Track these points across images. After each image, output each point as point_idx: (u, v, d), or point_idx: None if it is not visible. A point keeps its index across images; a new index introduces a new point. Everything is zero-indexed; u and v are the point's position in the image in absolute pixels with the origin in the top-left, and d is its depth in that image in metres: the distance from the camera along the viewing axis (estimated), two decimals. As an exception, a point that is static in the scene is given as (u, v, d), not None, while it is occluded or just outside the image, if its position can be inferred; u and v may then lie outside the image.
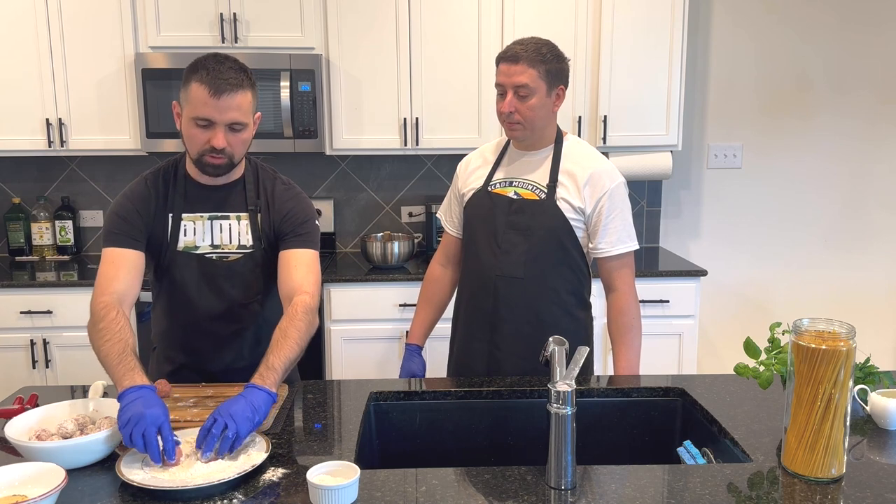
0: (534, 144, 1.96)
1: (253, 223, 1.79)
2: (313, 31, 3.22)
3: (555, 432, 1.28)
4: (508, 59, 1.85)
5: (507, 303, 1.94)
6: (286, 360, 1.55)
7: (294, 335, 1.59)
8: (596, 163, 1.93)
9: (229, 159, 1.68)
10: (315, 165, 3.67)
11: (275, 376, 1.50)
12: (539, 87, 1.85)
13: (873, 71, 3.69)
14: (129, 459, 1.35)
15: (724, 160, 3.75)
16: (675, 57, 3.28)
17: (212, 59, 1.63)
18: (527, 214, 1.91)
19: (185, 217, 1.77)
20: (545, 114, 1.90)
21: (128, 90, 3.22)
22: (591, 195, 1.90)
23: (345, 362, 3.19)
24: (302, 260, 1.76)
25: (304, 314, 1.64)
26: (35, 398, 1.64)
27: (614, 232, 1.91)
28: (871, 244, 3.84)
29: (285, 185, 1.84)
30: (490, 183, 1.99)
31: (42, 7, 3.15)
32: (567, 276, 1.95)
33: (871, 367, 1.63)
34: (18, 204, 3.59)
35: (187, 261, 1.77)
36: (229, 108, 1.61)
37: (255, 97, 1.68)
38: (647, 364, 3.17)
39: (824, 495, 1.26)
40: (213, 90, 1.59)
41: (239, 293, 1.80)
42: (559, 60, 1.88)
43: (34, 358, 3.10)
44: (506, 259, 1.93)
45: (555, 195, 1.90)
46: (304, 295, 1.69)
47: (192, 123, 1.63)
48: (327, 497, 1.20)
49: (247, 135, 1.69)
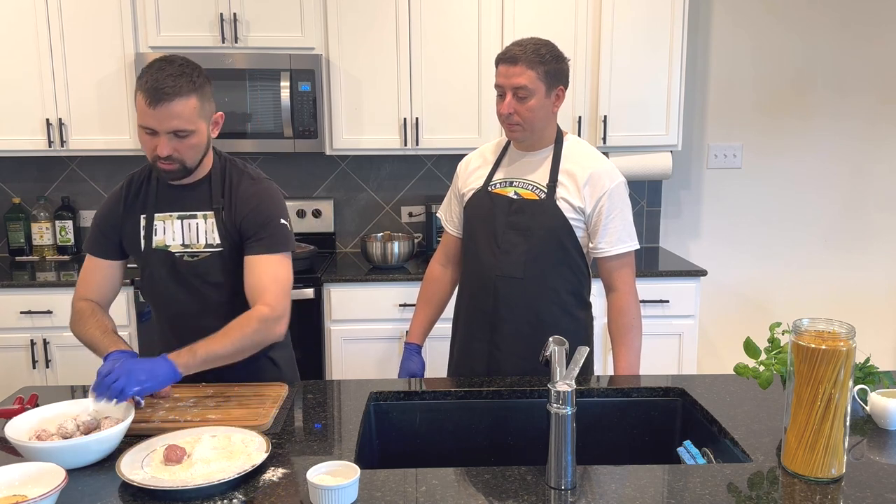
0: (534, 145, 1.96)
1: (219, 222, 1.78)
2: (313, 31, 3.22)
3: (555, 432, 1.28)
4: (507, 61, 1.85)
5: (507, 303, 1.94)
6: (211, 353, 1.60)
7: (235, 335, 1.64)
8: (596, 162, 1.93)
9: (181, 165, 1.69)
10: (315, 165, 3.67)
11: (190, 359, 1.57)
12: (538, 88, 1.85)
13: (873, 71, 3.69)
14: (129, 459, 1.35)
15: (724, 160, 3.75)
16: (675, 57, 3.28)
17: (155, 65, 1.63)
18: (527, 214, 1.91)
19: (157, 217, 1.79)
20: (544, 114, 1.89)
21: (128, 90, 3.22)
22: (591, 195, 1.89)
23: (345, 362, 3.19)
24: (264, 267, 1.73)
25: (257, 321, 1.67)
26: (35, 398, 1.64)
27: (614, 232, 1.90)
28: (871, 244, 3.84)
29: (252, 180, 1.80)
30: (490, 183, 1.99)
31: (42, 7, 3.15)
32: (567, 276, 1.95)
33: (871, 367, 1.63)
34: (18, 204, 3.59)
35: (161, 259, 1.79)
36: (168, 117, 1.60)
37: (204, 100, 1.66)
38: (647, 364, 3.17)
39: (824, 495, 1.26)
40: (150, 99, 1.59)
41: (212, 291, 1.80)
42: (558, 61, 1.88)
43: (34, 358, 3.10)
44: (506, 259, 1.92)
45: (555, 195, 1.90)
46: (263, 306, 1.69)
47: (141, 131, 1.66)
48: (327, 497, 1.20)
49: (195, 140, 1.67)
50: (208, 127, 1.71)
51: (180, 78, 1.61)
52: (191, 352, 1.58)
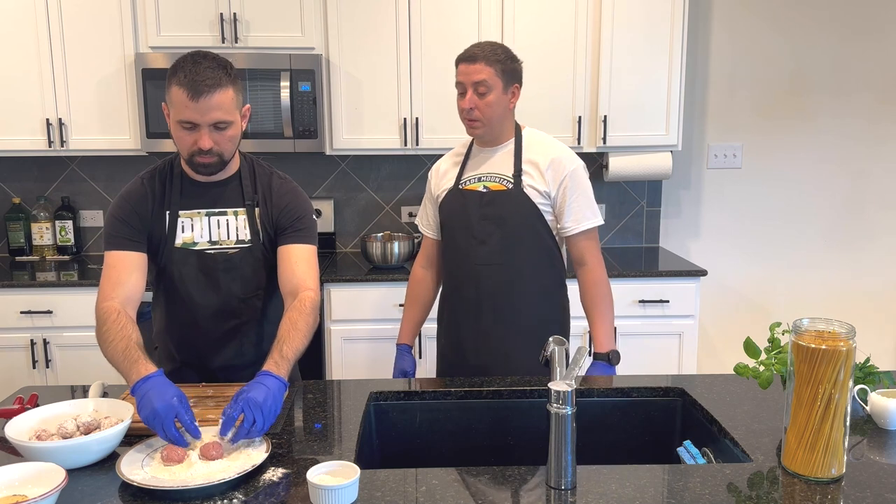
0: (494, 140, 2.08)
1: (251, 218, 1.80)
2: (313, 31, 3.22)
3: (555, 432, 1.28)
4: (467, 60, 2.01)
5: (488, 289, 2.05)
6: (297, 351, 1.59)
7: (303, 327, 1.64)
8: (555, 149, 2.07)
9: (219, 157, 1.69)
10: (315, 165, 3.67)
11: (287, 366, 1.54)
12: (496, 83, 1.99)
13: (873, 71, 3.69)
14: (129, 459, 1.35)
15: (724, 160, 3.75)
16: (675, 57, 3.28)
17: (189, 59, 1.63)
18: (498, 205, 2.04)
19: (183, 214, 1.78)
20: (502, 110, 2.03)
21: (128, 90, 3.22)
22: (554, 178, 2.02)
23: (345, 362, 3.19)
24: (302, 256, 1.78)
25: (313, 309, 1.69)
26: (35, 398, 1.64)
27: (578, 209, 2.04)
28: (871, 244, 3.84)
29: (282, 179, 1.85)
30: (460, 181, 2.11)
31: (42, 7, 3.15)
32: (542, 259, 2.07)
33: (871, 367, 1.63)
34: (18, 204, 3.59)
35: (186, 257, 1.78)
36: (210, 109, 1.61)
37: (238, 91, 1.67)
38: (647, 364, 3.19)
39: (824, 495, 1.26)
40: (192, 93, 1.59)
41: (238, 288, 1.81)
42: (513, 61, 2.03)
43: (34, 358, 3.10)
44: (483, 248, 2.05)
45: (521, 183, 2.02)
46: (310, 291, 1.72)
47: (178, 126, 1.64)
48: (327, 497, 1.20)
49: (233, 131, 1.68)
50: (241, 119, 1.72)
51: (218, 70, 1.62)
52: (283, 358, 1.54)
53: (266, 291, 1.85)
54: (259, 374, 1.49)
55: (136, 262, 1.72)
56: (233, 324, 1.83)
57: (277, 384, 1.48)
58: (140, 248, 1.74)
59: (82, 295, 3.06)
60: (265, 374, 1.49)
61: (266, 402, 1.41)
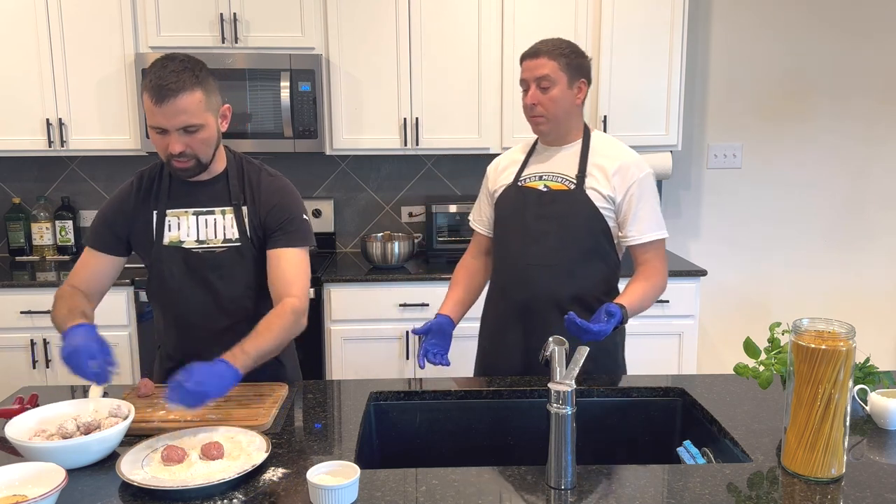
0: (560, 139, 1.99)
1: (238, 217, 1.79)
2: (313, 31, 3.22)
3: (555, 432, 1.28)
4: (530, 55, 1.92)
5: (537, 291, 1.96)
6: (261, 350, 1.59)
7: (276, 330, 1.64)
8: (625, 153, 1.97)
9: (195, 160, 1.69)
10: (315, 165, 3.67)
11: (245, 360, 1.54)
12: (559, 78, 1.90)
13: (872, 71, 3.69)
14: (129, 459, 1.35)
15: (724, 160, 3.75)
16: (675, 57, 3.28)
17: (158, 63, 1.63)
18: (557, 204, 1.95)
19: (170, 213, 1.79)
20: (567, 106, 1.93)
21: (128, 90, 3.22)
22: (621, 184, 1.92)
23: (345, 362, 3.19)
24: (291, 260, 1.76)
25: (293, 314, 1.68)
26: (35, 398, 1.64)
27: (645, 219, 1.93)
28: (871, 244, 3.84)
29: (272, 177, 1.83)
30: (520, 178, 2.02)
31: (42, 7, 3.15)
32: (597, 264, 1.97)
33: (871, 367, 1.63)
34: (18, 204, 3.59)
35: (173, 255, 1.79)
36: (176, 113, 1.60)
37: (208, 92, 1.66)
38: (647, 364, 3.19)
39: (824, 495, 1.26)
40: (156, 97, 1.59)
41: (226, 287, 1.80)
42: (579, 56, 1.94)
43: (34, 358, 3.10)
44: (536, 248, 1.95)
45: (584, 185, 1.93)
46: (293, 298, 1.71)
47: (152, 131, 1.66)
48: (327, 497, 1.20)
49: (205, 134, 1.67)
50: (217, 120, 1.71)
51: (183, 73, 1.61)
52: (243, 352, 1.55)
53: (256, 291, 1.83)
54: (215, 360, 1.50)
55: (105, 266, 1.82)
56: (224, 323, 1.81)
57: (225, 367, 1.48)
58: (117, 253, 1.82)
59: (82, 295, 3.06)
60: (218, 360, 1.50)
61: (201, 369, 1.44)
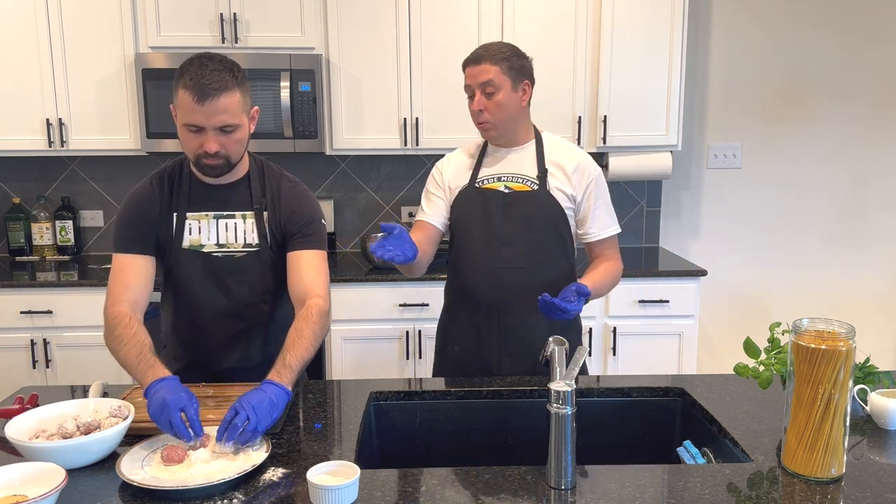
0: (511, 141, 2.02)
1: (259, 221, 1.79)
2: (313, 31, 3.22)
3: (555, 432, 1.28)
4: (472, 62, 1.94)
5: (512, 292, 1.97)
6: (301, 360, 1.58)
7: (309, 336, 1.63)
8: (579, 153, 2.03)
9: (226, 160, 1.68)
10: (315, 165, 3.67)
11: (291, 374, 1.53)
12: (503, 82, 1.92)
13: (872, 72, 3.69)
14: (129, 459, 1.35)
15: (724, 160, 3.75)
16: (675, 57, 3.28)
17: (196, 62, 1.62)
18: (523, 205, 1.97)
19: (190, 216, 1.77)
20: (513, 109, 1.95)
21: (128, 90, 3.22)
22: (580, 182, 1.98)
23: (345, 362, 3.19)
24: (311, 262, 1.77)
25: (319, 316, 1.67)
26: (35, 398, 1.64)
27: (602, 216, 2.01)
28: (871, 244, 3.84)
29: (291, 183, 1.84)
30: (476, 180, 2.02)
31: (42, 7, 3.15)
32: (562, 262, 2.03)
33: (871, 367, 1.63)
34: (18, 204, 3.59)
35: (193, 259, 1.78)
36: (216, 112, 1.60)
37: (245, 94, 1.67)
38: (647, 364, 3.19)
39: (824, 495, 1.26)
40: (198, 96, 1.58)
41: (245, 291, 1.80)
42: (521, 57, 1.96)
43: (34, 358, 3.10)
44: (508, 250, 1.97)
45: (547, 185, 1.97)
46: (318, 298, 1.71)
47: (185, 129, 1.64)
48: (327, 497, 1.20)
49: (240, 134, 1.68)
50: (248, 121, 1.71)
51: (224, 73, 1.61)
52: (286, 367, 1.54)
53: (273, 295, 1.84)
54: (261, 383, 1.49)
55: (144, 266, 1.74)
56: (239, 327, 1.82)
57: (277, 391, 1.47)
58: (147, 252, 1.75)
59: (82, 295, 3.06)
60: (266, 382, 1.49)
61: (262, 404, 1.41)
